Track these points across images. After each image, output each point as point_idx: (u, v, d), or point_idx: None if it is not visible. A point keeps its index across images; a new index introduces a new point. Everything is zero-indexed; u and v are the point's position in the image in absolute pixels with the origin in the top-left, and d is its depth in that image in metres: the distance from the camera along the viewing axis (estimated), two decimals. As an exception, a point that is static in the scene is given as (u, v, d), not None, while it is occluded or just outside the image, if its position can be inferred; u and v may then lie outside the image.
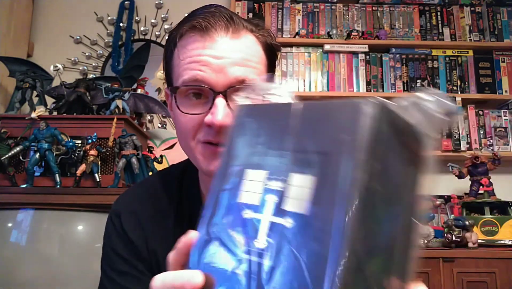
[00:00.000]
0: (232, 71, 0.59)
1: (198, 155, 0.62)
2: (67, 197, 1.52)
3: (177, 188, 0.73)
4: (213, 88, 0.59)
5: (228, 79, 0.59)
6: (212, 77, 0.58)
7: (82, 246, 1.51)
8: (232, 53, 0.60)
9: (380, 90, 2.28)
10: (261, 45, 0.64)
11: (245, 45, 0.62)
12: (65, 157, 1.66)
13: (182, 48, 0.62)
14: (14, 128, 1.72)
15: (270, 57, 0.66)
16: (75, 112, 1.81)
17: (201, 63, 0.59)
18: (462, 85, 2.30)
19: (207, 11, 0.62)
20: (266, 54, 0.65)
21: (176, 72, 0.63)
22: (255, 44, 0.63)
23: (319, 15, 2.40)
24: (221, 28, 0.60)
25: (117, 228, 0.70)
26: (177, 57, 0.62)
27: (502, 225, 1.82)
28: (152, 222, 0.70)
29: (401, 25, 2.38)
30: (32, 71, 1.91)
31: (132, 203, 0.73)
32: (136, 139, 1.70)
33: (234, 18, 0.62)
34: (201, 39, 0.60)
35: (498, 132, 2.25)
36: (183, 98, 0.61)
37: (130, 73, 2.06)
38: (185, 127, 0.62)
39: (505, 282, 1.62)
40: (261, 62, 0.64)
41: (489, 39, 2.34)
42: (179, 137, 0.65)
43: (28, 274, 1.46)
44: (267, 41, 0.65)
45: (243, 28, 0.62)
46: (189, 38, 0.61)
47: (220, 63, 0.59)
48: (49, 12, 2.50)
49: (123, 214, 0.71)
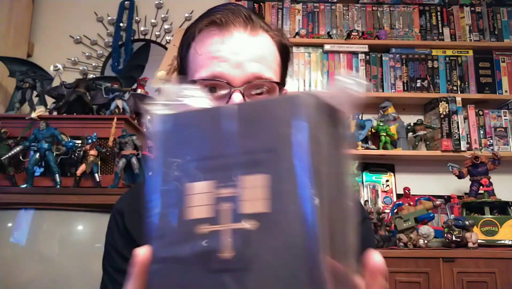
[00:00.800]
0: (250, 67, 0.59)
1: None
2: (67, 197, 1.52)
3: None
4: (230, 83, 0.59)
5: (246, 74, 0.59)
6: (230, 72, 0.59)
7: (82, 246, 1.51)
8: (250, 49, 0.60)
9: (380, 90, 2.28)
10: (276, 45, 0.65)
11: (262, 43, 0.63)
12: (65, 157, 1.66)
13: (200, 42, 0.62)
14: (14, 128, 1.72)
15: (283, 57, 0.67)
16: (75, 112, 1.81)
17: (220, 59, 0.59)
18: (462, 85, 2.30)
19: (226, 8, 0.63)
20: (280, 54, 0.66)
21: (193, 66, 0.63)
22: (271, 43, 0.64)
23: (319, 15, 2.40)
24: (240, 25, 0.61)
25: (120, 227, 0.70)
26: (195, 51, 0.63)
27: (502, 225, 1.82)
28: None
29: (401, 25, 2.38)
30: (32, 71, 1.91)
31: (136, 202, 0.72)
32: (136, 139, 1.69)
33: (252, 17, 0.63)
34: (219, 33, 0.61)
35: (498, 132, 2.25)
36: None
37: (130, 73, 2.06)
38: None
39: (505, 282, 1.62)
40: (276, 61, 0.65)
41: (489, 39, 2.34)
42: None
43: (28, 274, 1.46)
44: (281, 41, 0.66)
45: (260, 27, 0.63)
46: (208, 32, 0.62)
47: (238, 59, 0.59)
48: (49, 12, 2.50)
49: (126, 213, 0.71)
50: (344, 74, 0.34)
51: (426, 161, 2.30)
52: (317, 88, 2.30)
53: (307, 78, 2.31)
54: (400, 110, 2.32)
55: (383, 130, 2.19)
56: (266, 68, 0.61)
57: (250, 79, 0.59)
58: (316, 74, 2.31)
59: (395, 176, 2.29)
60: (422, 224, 1.81)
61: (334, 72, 2.30)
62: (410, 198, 2.05)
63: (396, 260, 1.65)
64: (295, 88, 2.29)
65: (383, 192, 2.24)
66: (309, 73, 2.31)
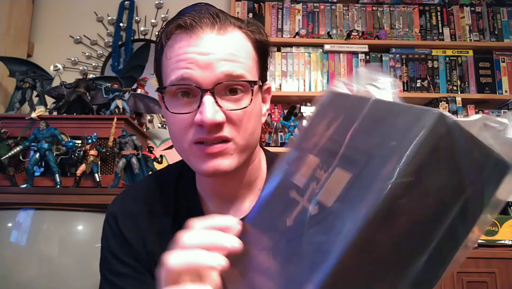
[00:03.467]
0: (219, 66, 0.57)
1: (192, 156, 0.61)
2: (67, 197, 1.52)
3: (173, 189, 0.73)
4: (200, 86, 0.57)
5: (215, 75, 0.57)
6: (199, 75, 0.57)
7: (82, 246, 1.51)
8: (218, 49, 0.58)
9: (380, 90, 2.28)
10: (251, 42, 0.63)
11: (232, 40, 0.60)
12: (65, 157, 1.66)
13: (169, 47, 0.61)
14: (14, 128, 1.72)
15: (260, 54, 0.65)
16: (75, 112, 1.81)
17: (187, 61, 0.58)
18: (462, 85, 2.30)
19: (194, 10, 0.61)
20: (256, 50, 0.64)
21: (165, 72, 0.62)
22: (244, 40, 0.62)
23: (319, 15, 2.40)
24: (207, 25, 0.59)
25: (114, 230, 0.70)
26: (165, 57, 0.62)
27: (502, 225, 1.82)
28: (149, 223, 0.70)
29: (401, 25, 2.38)
30: (32, 71, 1.91)
31: (128, 204, 0.72)
32: (136, 140, 1.69)
33: (220, 15, 0.61)
34: (186, 37, 0.59)
35: (498, 132, 2.25)
36: (172, 99, 0.60)
37: (130, 73, 2.06)
38: (176, 128, 0.61)
39: (505, 282, 1.62)
40: (250, 58, 0.62)
41: (489, 39, 2.34)
42: (172, 139, 0.64)
43: (28, 274, 1.46)
44: (257, 38, 0.64)
45: (229, 24, 0.61)
46: (176, 37, 0.61)
47: (206, 60, 0.57)
48: (49, 12, 2.50)
49: (119, 216, 0.70)
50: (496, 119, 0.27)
51: (426, 161, 2.30)
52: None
53: (307, 78, 2.31)
54: (400, 110, 2.32)
55: (383, 130, 2.19)
56: (237, 66, 0.59)
57: (220, 79, 0.57)
58: (316, 74, 2.31)
59: (395, 176, 2.29)
60: (422, 224, 1.81)
61: (334, 72, 2.30)
62: (410, 198, 2.05)
63: (396, 260, 1.65)
64: (294, 88, 2.29)
65: (383, 192, 2.24)
66: (309, 73, 2.31)
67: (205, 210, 0.70)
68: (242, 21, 0.64)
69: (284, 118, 2.23)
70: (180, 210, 0.71)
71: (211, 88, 0.57)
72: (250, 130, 0.61)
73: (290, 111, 2.28)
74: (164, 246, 0.69)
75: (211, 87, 0.57)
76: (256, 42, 0.64)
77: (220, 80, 0.57)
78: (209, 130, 0.57)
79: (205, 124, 0.56)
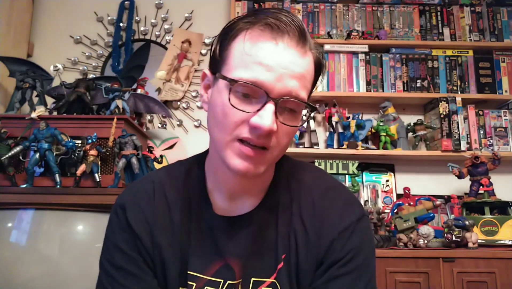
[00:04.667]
0: (290, 83, 0.61)
1: (230, 149, 0.63)
2: (67, 197, 1.52)
3: (183, 184, 0.74)
4: (268, 93, 0.60)
5: (285, 89, 0.60)
6: (271, 83, 0.60)
7: (82, 246, 1.51)
8: (296, 67, 0.61)
9: (380, 90, 2.28)
10: (314, 64, 0.66)
11: (307, 63, 0.64)
12: (65, 157, 1.66)
13: (250, 40, 0.62)
14: (14, 128, 1.72)
15: (317, 75, 0.69)
16: (75, 112, 1.81)
17: (267, 68, 0.60)
18: (462, 85, 2.30)
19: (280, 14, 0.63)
20: (315, 71, 0.67)
21: (235, 62, 0.62)
22: (312, 63, 0.66)
23: (319, 15, 2.40)
24: (293, 38, 0.62)
25: (121, 221, 0.71)
26: (242, 47, 0.62)
27: (502, 225, 1.82)
28: (158, 216, 0.71)
29: (401, 25, 2.38)
30: (32, 71, 1.91)
31: (138, 196, 0.73)
32: (136, 139, 1.70)
33: (306, 34, 0.64)
34: (271, 40, 0.61)
35: (498, 132, 2.25)
36: (233, 93, 0.61)
37: (130, 73, 2.06)
38: (227, 119, 0.62)
39: (505, 282, 1.62)
40: (311, 80, 0.66)
41: (489, 39, 2.34)
42: (213, 125, 0.65)
43: (28, 274, 1.46)
44: (319, 59, 0.68)
45: (308, 46, 0.65)
46: (260, 33, 0.62)
47: (283, 73, 0.60)
48: (49, 12, 2.50)
49: (128, 207, 0.71)
50: None
51: (426, 161, 2.30)
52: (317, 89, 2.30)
53: (307, 78, 2.30)
54: (400, 110, 2.32)
55: (383, 130, 2.19)
56: (301, 88, 0.62)
57: (286, 94, 0.60)
58: (316, 74, 2.31)
59: (395, 176, 2.29)
60: (422, 224, 1.81)
61: (334, 72, 2.30)
62: (410, 198, 2.05)
63: (396, 260, 1.65)
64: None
65: (383, 192, 2.24)
66: (309, 73, 2.31)
67: (213, 204, 0.72)
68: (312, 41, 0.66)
69: (284, 118, 2.23)
70: (190, 206, 0.73)
71: (277, 99, 0.60)
72: (286, 145, 0.66)
73: (290, 111, 2.28)
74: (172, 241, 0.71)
75: (278, 98, 0.60)
76: (317, 64, 0.67)
77: (285, 95, 0.60)
78: (260, 135, 0.60)
79: (262, 129, 0.59)
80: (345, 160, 2.15)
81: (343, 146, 2.18)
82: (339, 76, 2.30)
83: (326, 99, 2.30)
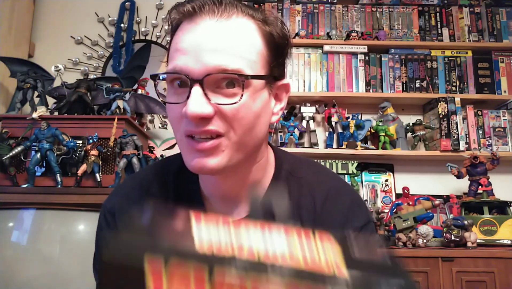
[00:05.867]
0: (211, 59, 0.53)
1: (183, 149, 0.59)
2: (68, 196, 1.53)
3: (174, 183, 0.69)
4: (190, 76, 0.54)
5: (205, 66, 0.53)
6: (190, 65, 0.54)
7: (83, 246, 1.51)
8: (213, 39, 0.54)
9: (379, 91, 2.29)
10: (262, 35, 0.58)
11: (234, 30, 0.55)
12: (66, 157, 1.67)
13: (174, 35, 0.59)
14: (15, 128, 1.73)
15: (272, 48, 0.59)
16: (76, 112, 1.82)
17: (182, 52, 0.55)
18: (461, 86, 2.31)
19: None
20: (267, 45, 0.58)
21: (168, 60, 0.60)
22: (251, 32, 0.57)
23: (319, 16, 2.41)
24: (208, 12, 0.55)
25: (111, 227, 0.68)
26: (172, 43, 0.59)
27: (501, 225, 1.83)
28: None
29: (400, 26, 2.39)
30: (33, 72, 1.92)
31: (125, 200, 0.70)
32: (137, 140, 1.70)
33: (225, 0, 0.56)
34: (187, 25, 0.57)
35: (497, 132, 2.26)
36: (170, 88, 0.58)
37: (131, 74, 2.06)
38: (170, 118, 0.59)
39: (504, 281, 1.63)
40: (257, 52, 0.57)
41: (488, 39, 2.35)
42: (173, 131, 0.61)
43: (29, 274, 1.46)
44: (270, 31, 0.59)
45: (236, 11, 0.57)
46: (179, 24, 0.58)
47: (201, 50, 0.54)
48: (50, 12, 2.51)
49: (117, 212, 0.69)
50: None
51: (425, 161, 2.31)
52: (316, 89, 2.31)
53: (307, 79, 2.31)
54: (399, 111, 2.33)
55: (382, 130, 2.20)
56: (233, 59, 0.54)
57: (210, 71, 0.53)
58: (316, 74, 2.32)
59: (394, 176, 2.30)
60: (421, 223, 1.82)
61: (334, 73, 2.31)
62: (409, 197, 2.06)
63: (395, 260, 1.66)
64: (294, 88, 2.29)
65: (382, 191, 2.25)
66: (309, 74, 2.32)
67: (208, 208, 0.68)
68: (258, 11, 0.59)
69: (284, 119, 2.24)
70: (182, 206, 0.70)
71: (200, 79, 0.53)
72: (247, 126, 0.56)
73: (290, 112, 2.29)
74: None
75: (200, 78, 0.53)
76: (269, 37, 0.59)
77: (210, 72, 0.53)
78: (195, 123, 0.54)
79: (188, 116, 0.53)
80: (345, 160, 2.15)
81: (342, 146, 2.19)
82: (338, 76, 2.31)
83: (326, 99, 2.30)
